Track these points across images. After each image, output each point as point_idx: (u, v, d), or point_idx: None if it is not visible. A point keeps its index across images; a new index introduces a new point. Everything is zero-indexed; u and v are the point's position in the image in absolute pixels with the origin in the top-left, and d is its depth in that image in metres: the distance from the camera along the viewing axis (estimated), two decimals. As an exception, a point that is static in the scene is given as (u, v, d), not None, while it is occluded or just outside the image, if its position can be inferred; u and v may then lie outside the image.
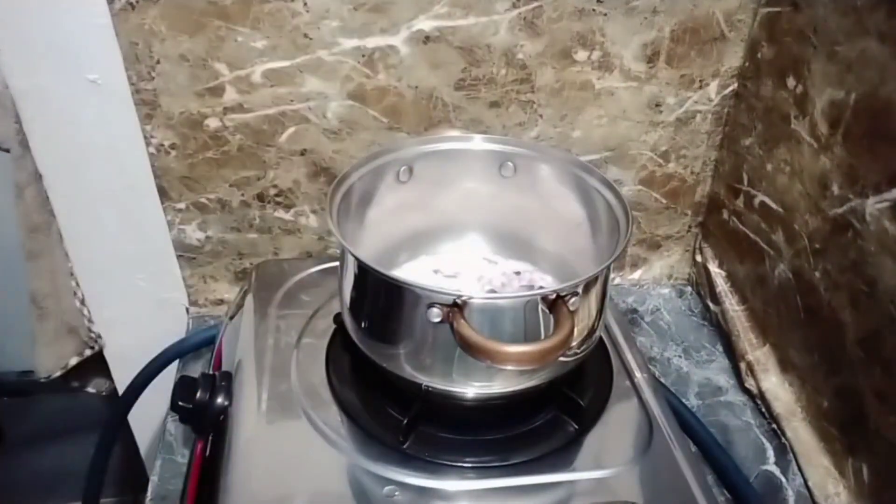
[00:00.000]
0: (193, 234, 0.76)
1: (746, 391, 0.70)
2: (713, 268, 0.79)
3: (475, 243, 0.66)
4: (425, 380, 0.51)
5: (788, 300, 0.65)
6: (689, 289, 0.85)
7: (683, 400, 0.67)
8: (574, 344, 0.50)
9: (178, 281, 0.79)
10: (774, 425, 0.66)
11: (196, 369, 0.75)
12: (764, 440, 0.65)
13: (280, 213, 0.76)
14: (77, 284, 0.77)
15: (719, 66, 0.71)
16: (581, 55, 0.69)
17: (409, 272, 0.63)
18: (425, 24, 0.65)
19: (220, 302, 0.81)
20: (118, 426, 0.79)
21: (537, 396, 0.55)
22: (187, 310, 0.82)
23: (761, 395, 0.68)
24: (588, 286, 0.49)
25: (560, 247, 0.63)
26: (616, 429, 0.56)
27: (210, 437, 0.57)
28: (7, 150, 0.69)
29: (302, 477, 0.51)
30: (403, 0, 0.64)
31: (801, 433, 0.63)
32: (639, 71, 0.70)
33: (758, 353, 0.70)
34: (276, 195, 0.74)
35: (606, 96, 0.72)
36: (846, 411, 0.58)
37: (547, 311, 0.46)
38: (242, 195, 0.74)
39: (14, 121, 0.65)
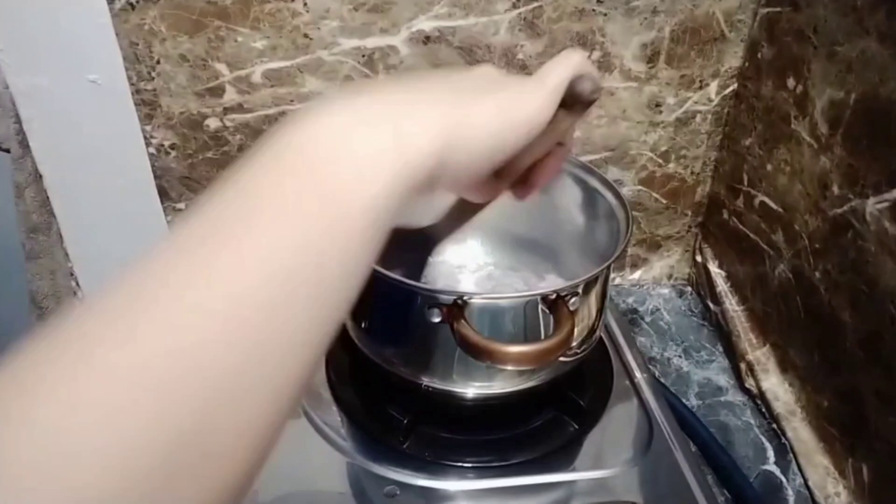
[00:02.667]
0: (193, 234, 0.76)
1: (746, 391, 0.70)
2: (713, 268, 0.79)
3: (475, 244, 0.66)
4: (425, 380, 0.51)
5: (788, 300, 0.65)
6: (689, 289, 0.85)
7: (683, 400, 0.67)
8: (574, 344, 0.50)
9: (178, 281, 0.79)
10: (774, 425, 0.66)
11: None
12: (764, 440, 0.65)
13: (280, 213, 0.76)
14: (77, 284, 0.77)
15: (719, 66, 0.71)
16: (581, 55, 0.69)
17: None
18: (425, 24, 0.65)
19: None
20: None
21: (537, 396, 0.55)
22: (187, 310, 0.81)
23: (761, 395, 0.68)
24: (588, 286, 0.49)
25: (560, 247, 0.63)
26: (616, 429, 0.56)
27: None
28: (7, 150, 0.69)
29: (302, 477, 0.51)
30: (403, 0, 0.64)
31: (801, 433, 0.63)
32: (639, 71, 0.70)
33: (758, 353, 0.70)
34: (276, 195, 0.74)
35: (606, 96, 0.72)
36: (846, 411, 0.58)
37: (547, 311, 0.46)
38: (242, 195, 0.74)
39: (14, 121, 0.65)
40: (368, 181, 0.25)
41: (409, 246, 0.47)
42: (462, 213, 0.45)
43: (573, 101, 0.35)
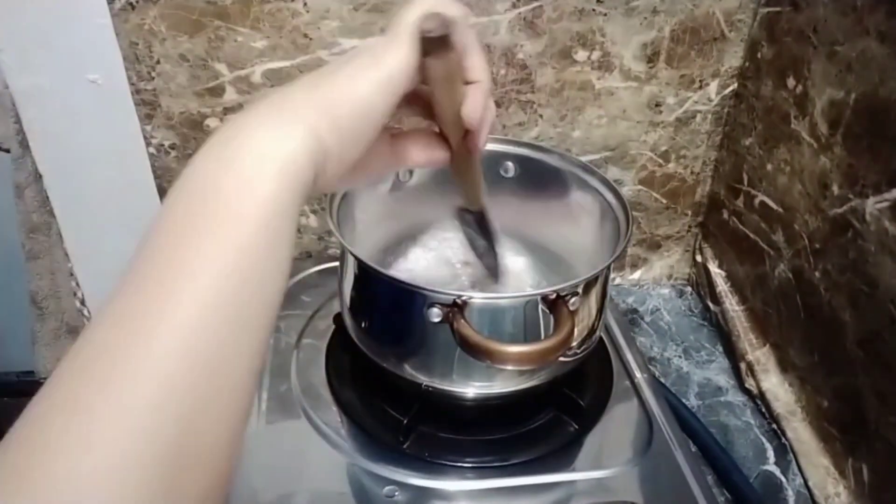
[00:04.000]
0: (193, 234, 0.76)
1: (746, 391, 0.70)
2: (713, 268, 0.79)
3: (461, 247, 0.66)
4: (425, 380, 0.51)
5: (788, 300, 0.65)
6: (689, 289, 0.85)
7: (683, 400, 0.67)
8: (574, 344, 0.51)
9: (178, 281, 0.79)
10: (774, 425, 0.66)
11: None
12: (764, 440, 0.65)
13: (280, 213, 0.76)
14: (77, 284, 0.77)
15: (719, 66, 0.71)
16: (581, 55, 0.69)
17: (409, 272, 0.63)
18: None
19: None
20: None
21: (537, 396, 0.55)
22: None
23: (761, 395, 0.68)
24: (588, 286, 0.49)
25: (560, 247, 0.63)
26: (616, 429, 0.56)
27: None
28: (7, 150, 0.69)
29: (302, 477, 0.51)
30: (403, 0, 0.64)
31: (801, 433, 0.63)
32: (639, 71, 0.70)
33: (758, 353, 0.70)
34: (276, 195, 0.74)
35: (606, 96, 0.72)
36: (846, 411, 0.58)
37: (547, 311, 0.46)
38: (242, 195, 0.74)
39: (14, 121, 0.65)
40: (254, 193, 0.29)
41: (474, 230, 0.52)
42: (463, 168, 0.45)
43: (427, 44, 0.34)
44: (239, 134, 0.31)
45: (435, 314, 0.46)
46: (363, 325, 0.54)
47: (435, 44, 0.34)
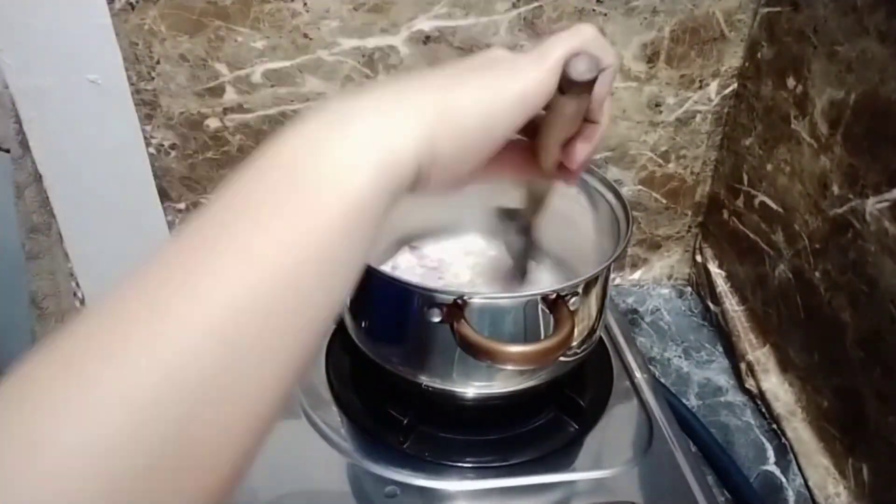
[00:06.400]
0: (193, 234, 0.76)
1: (746, 391, 0.70)
2: (713, 268, 0.79)
3: (475, 243, 0.66)
4: (425, 380, 0.51)
5: (788, 300, 0.65)
6: (689, 289, 0.85)
7: (683, 400, 0.67)
8: (574, 344, 0.50)
9: (178, 281, 0.79)
10: (774, 425, 0.66)
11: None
12: (764, 440, 0.65)
13: (280, 213, 0.76)
14: (77, 284, 0.77)
15: (719, 66, 0.71)
16: (581, 55, 0.69)
17: (408, 272, 0.63)
18: (425, 24, 0.65)
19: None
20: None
21: (537, 396, 0.55)
22: (187, 310, 0.81)
23: (761, 395, 0.68)
24: (588, 286, 0.49)
25: (560, 247, 0.63)
26: (616, 429, 0.56)
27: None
28: (7, 151, 0.69)
29: (302, 477, 0.51)
30: (403, 0, 0.64)
31: (801, 433, 0.63)
32: (639, 71, 0.70)
33: (758, 353, 0.70)
34: (276, 195, 0.74)
35: (606, 96, 0.72)
36: (846, 411, 0.58)
37: (547, 311, 0.46)
38: (242, 195, 0.74)
39: (14, 121, 0.65)
40: (343, 182, 0.26)
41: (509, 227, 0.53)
42: (535, 197, 0.48)
43: (567, 83, 0.32)
44: (344, 113, 0.28)
45: (435, 314, 0.46)
46: (363, 325, 0.54)
47: (576, 84, 0.33)
